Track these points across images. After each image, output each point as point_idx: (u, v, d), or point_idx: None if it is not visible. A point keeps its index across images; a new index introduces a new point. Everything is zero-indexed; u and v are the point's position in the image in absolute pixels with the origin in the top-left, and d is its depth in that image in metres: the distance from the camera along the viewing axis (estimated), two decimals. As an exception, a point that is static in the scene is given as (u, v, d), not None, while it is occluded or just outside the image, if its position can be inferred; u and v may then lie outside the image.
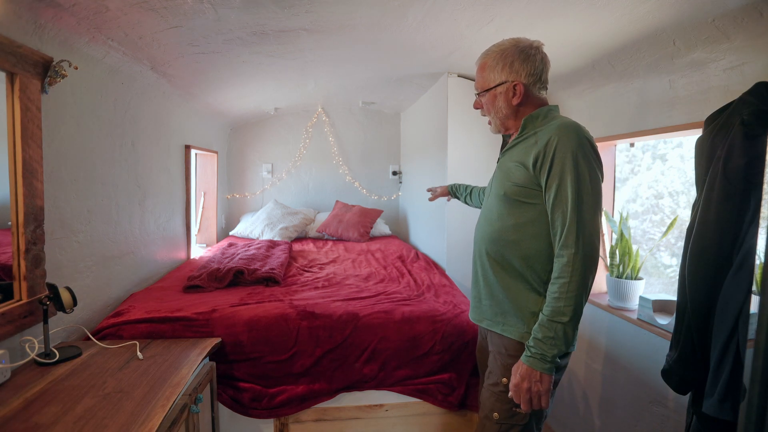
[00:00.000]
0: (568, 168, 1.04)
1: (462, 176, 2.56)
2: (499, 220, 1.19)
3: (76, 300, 1.37)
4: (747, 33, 1.21)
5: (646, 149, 1.96)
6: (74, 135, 1.59)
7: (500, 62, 1.16)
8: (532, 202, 1.12)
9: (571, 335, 1.04)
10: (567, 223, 1.04)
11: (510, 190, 1.16)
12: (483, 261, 1.24)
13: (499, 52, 1.16)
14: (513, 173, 1.16)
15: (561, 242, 1.06)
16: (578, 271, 1.02)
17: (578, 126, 1.09)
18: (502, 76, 1.16)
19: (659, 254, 1.93)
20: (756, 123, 1.04)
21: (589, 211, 1.04)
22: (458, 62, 2.26)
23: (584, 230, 1.04)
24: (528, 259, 1.14)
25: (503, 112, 1.20)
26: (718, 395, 1.06)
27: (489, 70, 1.18)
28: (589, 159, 1.06)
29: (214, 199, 3.57)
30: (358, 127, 4.17)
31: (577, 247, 1.03)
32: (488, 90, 1.19)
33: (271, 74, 2.47)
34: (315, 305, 1.78)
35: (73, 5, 1.31)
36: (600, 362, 1.96)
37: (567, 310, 1.02)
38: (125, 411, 1.07)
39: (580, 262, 1.03)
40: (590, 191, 1.05)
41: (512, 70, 1.15)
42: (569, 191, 1.04)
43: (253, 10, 1.52)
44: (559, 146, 1.05)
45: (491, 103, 1.21)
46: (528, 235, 1.13)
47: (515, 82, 1.15)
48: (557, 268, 1.06)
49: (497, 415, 1.15)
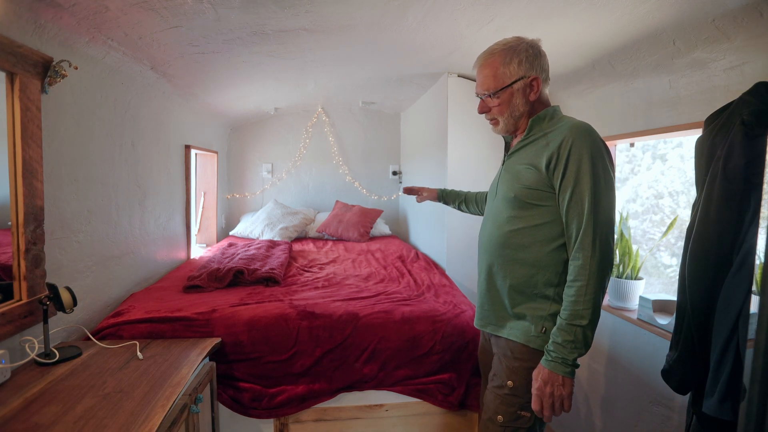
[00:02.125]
0: (584, 170, 1.03)
1: (462, 176, 2.56)
2: (508, 224, 1.17)
3: (76, 300, 1.37)
4: (747, 33, 1.21)
5: (646, 149, 1.96)
6: (74, 135, 1.59)
7: (514, 58, 1.11)
8: (544, 205, 1.11)
9: (590, 337, 1.04)
10: (583, 225, 1.04)
11: (520, 192, 1.14)
12: (490, 265, 1.22)
13: (508, 49, 1.11)
14: (523, 175, 1.14)
15: (577, 245, 1.05)
16: (595, 274, 1.02)
17: (590, 127, 1.08)
18: (519, 71, 1.11)
19: (659, 254, 1.93)
20: (756, 123, 1.04)
21: (604, 213, 1.04)
22: (458, 62, 2.26)
23: (601, 233, 1.03)
24: (538, 263, 1.13)
25: (520, 110, 1.15)
26: (718, 395, 1.06)
27: (503, 67, 1.12)
28: (604, 161, 1.05)
29: (214, 199, 3.57)
30: (358, 127, 4.17)
31: (593, 250, 1.02)
32: (504, 88, 1.13)
33: (271, 74, 2.47)
34: (315, 305, 1.78)
35: (73, 5, 1.31)
36: (600, 362, 1.96)
37: (586, 313, 1.02)
38: (125, 411, 1.07)
39: (597, 265, 1.02)
40: (606, 193, 1.04)
41: (529, 65, 1.11)
42: (585, 194, 1.03)
43: (253, 10, 1.52)
44: (573, 148, 1.04)
45: (507, 102, 1.14)
46: (538, 239, 1.12)
47: (533, 77, 1.11)
48: (573, 270, 1.05)
49: (501, 418, 1.15)
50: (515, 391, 1.14)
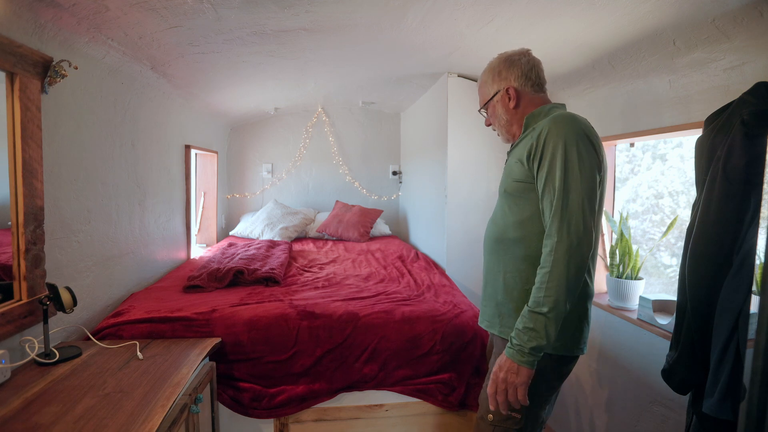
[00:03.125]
0: (557, 155, 1.03)
1: (462, 176, 2.56)
2: (503, 219, 1.19)
3: (76, 300, 1.37)
4: (747, 33, 1.21)
5: (646, 149, 1.96)
6: (74, 135, 1.59)
7: (490, 76, 1.25)
8: (529, 197, 1.12)
9: (552, 328, 0.99)
10: (552, 210, 1.02)
11: (510, 186, 1.17)
12: (488, 262, 1.25)
13: (488, 70, 1.26)
14: (513, 170, 1.17)
15: (546, 231, 1.04)
16: (560, 261, 0.98)
17: (574, 116, 1.07)
18: (494, 87, 1.24)
19: (659, 254, 1.93)
20: (756, 123, 1.04)
21: (576, 199, 1.00)
22: (458, 62, 2.26)
23: (570, 219, 0.99)
24: (530, 257, 1.12)
25: (504, 118, 1.25)
26: (718, 395, 1.06)
27: (484, 86, 1.28)
28: (579, 146, 1.02)
29: (214, 199, 3.57)
30: (358, 127, 4.17)
31: (560, 236, 0.99)
32: (486, 103, 1.28)
33: (271, 74, 2.47)
34: (315, 305, 1.78)
35: (73, 5, 1.31)
36: (600, 362, 1.96)
37: (547, 301, 0.98)
38: (125, 411, 1.07)
39: (562, 252, 0.98)
40: (579, 178, 1.01)
41: (501, 78, 1.23)
42: (557, 179, 1.02)
43: (253, 10, 1.52)
44: (549, 135, 1.05)
45: (493, 114, 1.28)
46: (531, 233, 1.12)
47: (507, 87, 1.22)
48: (542, 257, 1.03)
49: (492, 416, 1.15)
50: None
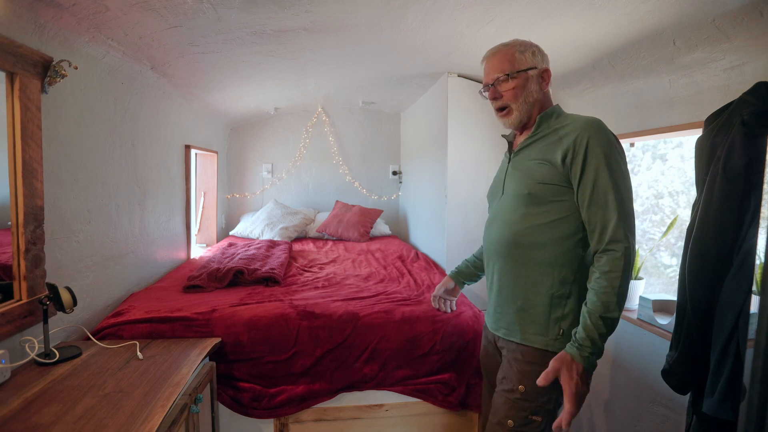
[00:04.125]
0: (603, 164, 1.05)
1: (462, 176, 2.56)
2: (523, 221, 1.15)
3: (76, 300, 1.37)
4: (747, 33, 1.21)
5: (646, 149, 1.96)
6: (74, 135, 1.59)
7: (528, 48, 1.17)
8: (560, 200, 1.11)
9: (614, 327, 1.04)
10: (614, 217, 1.04)
11: (535, 188, 1.13)
12: (501, 266, 1.20)
13: (522, 42, 1.18)
14: (536, 171, 1.13)
15: (608, 237, 1.04)
16: (628, 266, 1.03)
17: (603, 122, 1.11)
18: (534, 61, 1.16)
19: (659, 254, 1.92)
20: (756, 123, 1.04)
21: (629, 206, 1.06)
22: (458, 62, 2.26)
23: (631, 224, 1.06)
24: (554, 261, 1.11)
25: (534, 97, 1.17)
26: (718, 395, 1.06)
27: (519, 54, 1.16)
28: (621, 155, 1.08)
29: (214, 199, 3.57)
30: (358, 127, 4.17)
31: (628, 241, 1.03)
32: (521, 71, 1.15)
33: (271, 74, 2.47)
34: (315, 305, 1.78)
35: (73, 5, 1.31)
36: (600, 362, 1.95)
37: (619, 306, 1.03)
38: (125, 411, 1.07)
39: (630, 258, 1.03)
40: (627, 187, 1.07)
41: (539, 57, 1.17)
42: (609, 187, 1.04)
43: (253, 10, 1.52)
44: (591, 143, 1.06)
45: (522, 87, 1.16)
46: (555, 235, 1.11)
47: (545, 69, 1.18)
48: (607, 262, 1.03)
49: (512, 422, 1.12)
50: (527, 395, 1.12)
